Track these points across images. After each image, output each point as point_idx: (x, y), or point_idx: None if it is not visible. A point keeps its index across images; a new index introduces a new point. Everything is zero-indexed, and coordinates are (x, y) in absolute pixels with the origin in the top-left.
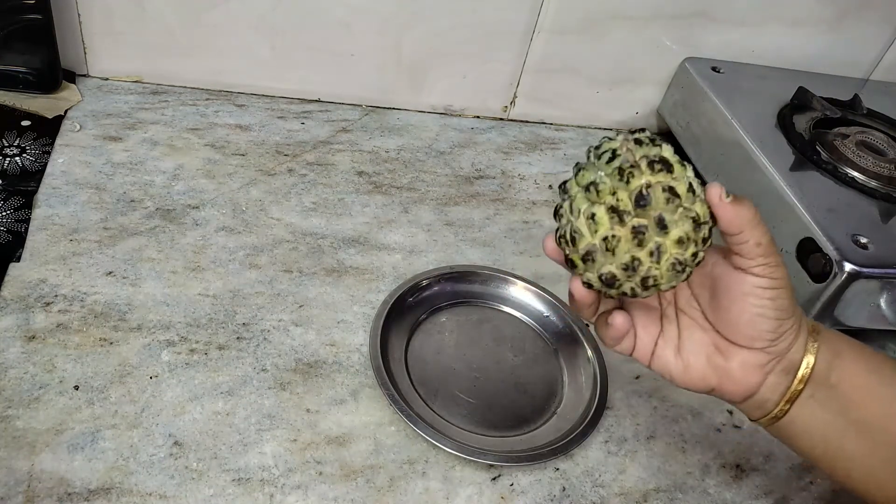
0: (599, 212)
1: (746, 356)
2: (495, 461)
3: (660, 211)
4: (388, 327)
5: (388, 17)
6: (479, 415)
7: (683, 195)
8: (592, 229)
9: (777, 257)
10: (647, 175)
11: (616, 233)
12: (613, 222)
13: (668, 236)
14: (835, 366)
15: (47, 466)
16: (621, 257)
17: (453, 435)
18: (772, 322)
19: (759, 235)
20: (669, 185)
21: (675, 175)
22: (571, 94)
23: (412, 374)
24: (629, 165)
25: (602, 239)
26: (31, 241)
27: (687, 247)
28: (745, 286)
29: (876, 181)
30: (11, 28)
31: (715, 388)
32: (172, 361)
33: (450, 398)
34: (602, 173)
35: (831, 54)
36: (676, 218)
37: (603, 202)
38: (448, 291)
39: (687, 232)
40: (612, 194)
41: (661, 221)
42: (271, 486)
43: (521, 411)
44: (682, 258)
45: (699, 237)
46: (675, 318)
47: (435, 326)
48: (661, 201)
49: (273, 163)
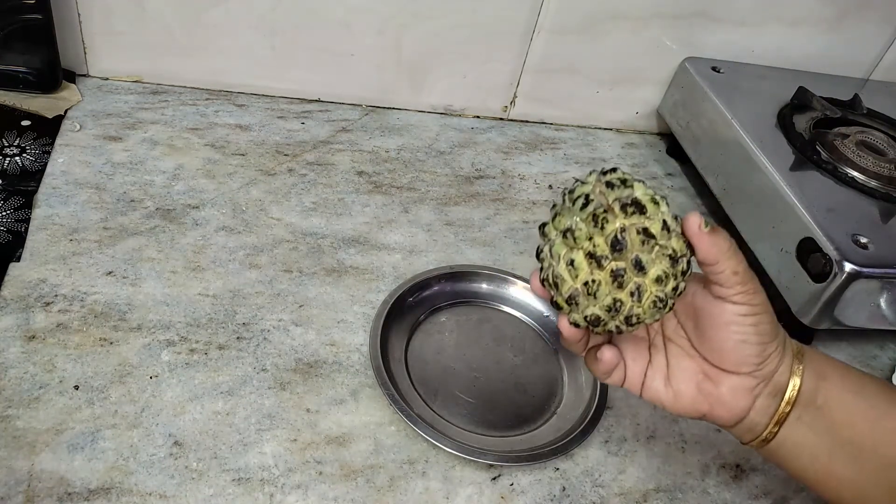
0: (578, 257)
1: (735, 381)
2: (495, 461)
3: (636, 253)
4: (388, 327)
5: (388, 17)
6: (479, 415)
7: (658, 234)
8: (573, 274)
9: (754, 284)
10: (621, 219)
11: (596, 277)
12: (592, 267)
13: (647, 276)
14: (820, 387)
15: (47, 466)
16: (603, 300)
17: (453, 435)
18: (756, 347)
19: (736, 264)
20: (643, 227)
21: (648, 215)
22: (571, 94)
23: (412, 374)
24: (602, 210)
25: (583, 283)
26: (31, 241)
27: (666, 283)
28: (727, 314)
29: (876, 181)
30: (11, 28)
31: (706, 414)
32: (172, 361)
33: (450, 398)
34: (577, 219)
35: (831, 54)
36: (653, 257)
37: (580, 248)
38: (448, 291)
39: (665, 269)
40: (588, 240)
41: (638, 263)
42: (271, 485)
43: (521, 411)
44: (663, 294)
45: (678, 271)
46: (664, 347)
47: (435, 326)
48: (636, 243)
49: (273, 163)
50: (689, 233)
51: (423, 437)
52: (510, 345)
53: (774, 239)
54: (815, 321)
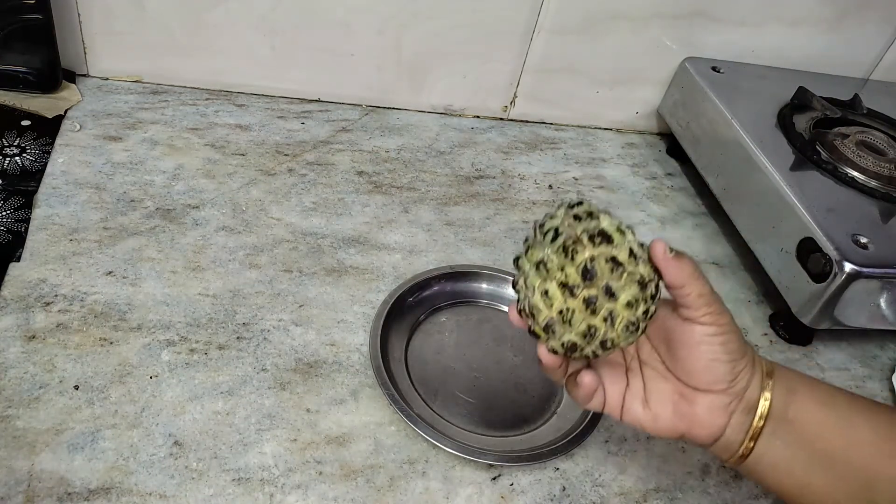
0: (552, 288)
1: (709, 400)
2: (495, 461)
3: (606, 280)
4: (388, 327)
5: (388, 17)
6: (478, 415)
7: (626, 261)
8: (548, 304)
9: (719, 305)
10: (590, 249)
11: (569, 306)
12: (566, 296)
13: (618, 302)
14: (791, 401)
15: (47, 466)
16: (578, 326)
17: (453, 435)
18: (726, 365)
19: (701, 287)
20: (611, 256)
21: (615, 244)
22: (571, 94)
23: (412, 374)
24: (572, 242)
25: (558, 312)
26: (31, 241)
27: (637, 307)
28: (696, 335)
29: (876, 181)
30: (11, 28)
31: (685, 434)
32: (172, 361)
33: (450, 398)
34: (549, 251)
35: (831, 54)
36: (623, 284)
37: (553, 278)
38: (448, 291)
39: (634, 294)
40: (560, 270)
41: (608, 290)
42: (271, 485)
43: (521, 411)
44: (635, 318)
45: (647, 295)
46: (640, 371)
47: (435, 326)
48: (605, 271)
49: (273, 163)
50: (655, 259)
51: (423, 437)
52: (510, 345)
53: (774, 239)
54: (815, 321)
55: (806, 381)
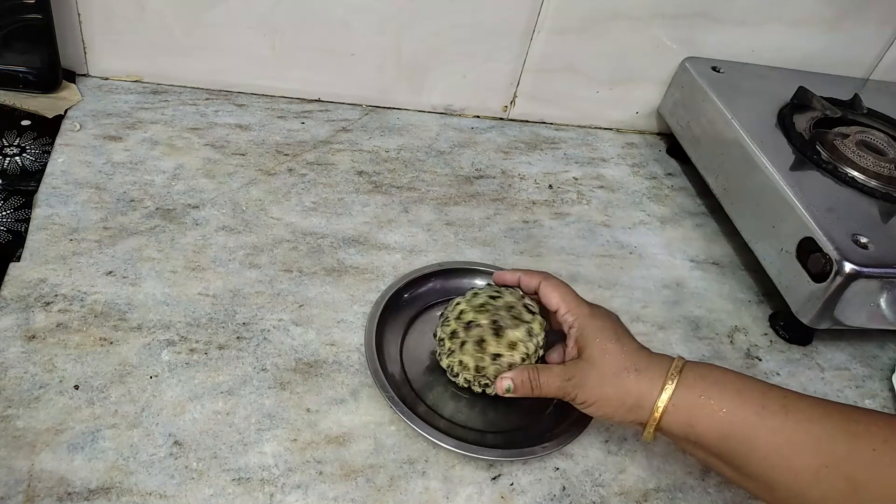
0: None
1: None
2: (495, 458)
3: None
4: (384, 326)
5: (388, 16)
6: (477, 411)
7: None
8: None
9: (574, 383)
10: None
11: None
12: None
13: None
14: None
15: (47, 466)
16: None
17: (451, 431)
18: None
19: (549, 392)
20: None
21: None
22: (571, 94)
23: (408, 372)
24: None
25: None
26: (31, 241)
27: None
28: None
29: (876, 181)
30: (11, 28)
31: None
32: (172, 361)
33: (447, 395)
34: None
35: (831, 54)
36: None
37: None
38: (440, 289)
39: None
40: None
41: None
42: (271, 485)
43: (518, 405)
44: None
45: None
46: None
47: (430, 324)
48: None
49: (273, 162)
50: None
51: (422, 435)
52: None
53: (774, 239)
54: (815, 321)
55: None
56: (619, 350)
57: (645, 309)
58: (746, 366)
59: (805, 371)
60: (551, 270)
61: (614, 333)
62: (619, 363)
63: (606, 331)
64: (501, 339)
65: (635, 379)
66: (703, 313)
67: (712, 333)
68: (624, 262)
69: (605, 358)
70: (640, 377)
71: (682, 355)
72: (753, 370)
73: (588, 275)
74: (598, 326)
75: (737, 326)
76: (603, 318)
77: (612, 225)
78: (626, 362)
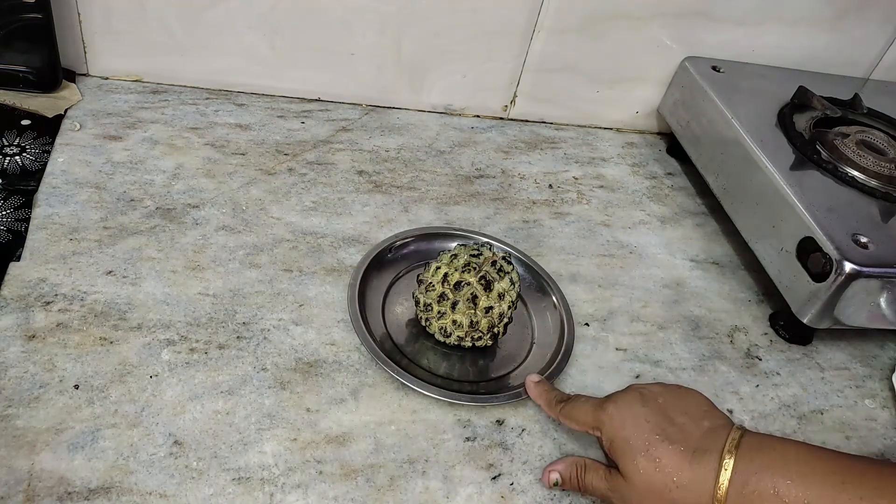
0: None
1: None
2: (500, 402)
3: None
4: (367, 281)
5: (388, 16)
6: (468, 364)
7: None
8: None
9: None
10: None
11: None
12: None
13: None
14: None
15: (47, 465)
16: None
17: (450, 387)
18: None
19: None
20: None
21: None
22: (571, 94)
23: (389, 328)
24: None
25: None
26: (31, 241)
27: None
28: None
29: (876, 180)
30: (11, 27)
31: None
32: (172, 361)
33: (438, 356)
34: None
35: (831, 54)
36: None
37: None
38: (423, 250)
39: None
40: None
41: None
42: (271, 485)
43: (507, 352)
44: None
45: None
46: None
47: (412, 286)
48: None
49: (273, 162)
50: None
51: (434, 399)
52: None
53: (774, 238)
54: (815, 321)
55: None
56: (653, 468)
57: (645, 309)
58: (746, 365)
59: (805, 371)
60: (551, 270)
61: (644, 444)
62: (658, 481)
63: (636, 441)
64: (491, 292)
65: (680, 495)
66: (703, 313)
67: (712, 333)
68: (624, 261)
69: (641, 477)
70: (685, 493)
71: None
72: (753, 370)
73: (588, 274)
74: (625, 437)
75: (737, 326)
76: (631, 422)
77: (612, 224)
78: (665, 479)
